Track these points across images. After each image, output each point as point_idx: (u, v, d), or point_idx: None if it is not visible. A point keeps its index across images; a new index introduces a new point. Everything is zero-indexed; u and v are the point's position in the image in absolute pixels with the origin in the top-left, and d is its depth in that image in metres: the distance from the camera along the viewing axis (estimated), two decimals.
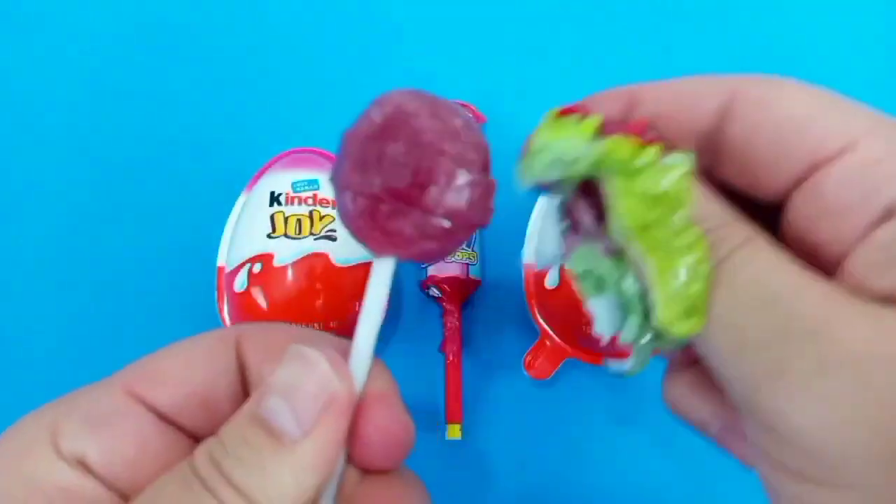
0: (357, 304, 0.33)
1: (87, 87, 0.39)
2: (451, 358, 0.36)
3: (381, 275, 0.19)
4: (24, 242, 0.38)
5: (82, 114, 0.39)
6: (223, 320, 0.34)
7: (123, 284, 0.37)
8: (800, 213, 0.16)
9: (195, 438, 0.17)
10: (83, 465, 0.16)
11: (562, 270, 0.33)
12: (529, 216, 0.35)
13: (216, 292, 0.34)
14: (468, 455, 0.36)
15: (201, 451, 0.16)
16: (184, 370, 0.18)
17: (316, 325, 0.32)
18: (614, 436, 0.36)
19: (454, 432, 0.35)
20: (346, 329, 0.33)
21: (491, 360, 0.37)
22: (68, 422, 0.17)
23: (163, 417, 0.17)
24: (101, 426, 0.17)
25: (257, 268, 0.32)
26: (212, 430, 0.16)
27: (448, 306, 0.36)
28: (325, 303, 0.32)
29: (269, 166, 0.35)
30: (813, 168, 0.16)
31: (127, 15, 0.40)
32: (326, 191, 0.34)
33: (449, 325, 0.36)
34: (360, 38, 0.40)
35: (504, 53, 0.40)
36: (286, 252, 0.32)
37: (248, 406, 0.16)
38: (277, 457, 0.15)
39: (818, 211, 0.16)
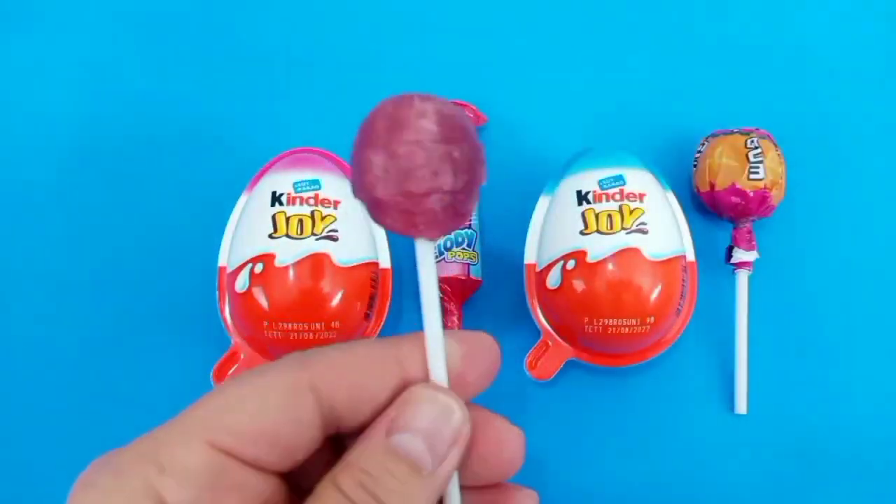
0: (358, 304, 0.33)
1: (88, 87, 0.39)
2: None
3: (427, 258, 0.20)
4: (25, 243, 0.38)
5: (83, 113, 0.39)
6: (224, 320, 0.34)
7: (124, 284, 0.37)
8: None
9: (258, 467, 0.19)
10: None
11: (563, 270, 0.33)
12: (530, 216, 0.35)
13: (217, 292, 0.34)
14: None
15: (350, 479, 0.18)
16: (262, 420, 0.19)
17: (318, 325, 0.32)
18: (616, 436, 0.36)
19: None
20: (347, 330, 0.33)
21: None
22: (165, 486, 0.17)
23: (239, 459, 0.18)
24: (195, 488, 0.17)
25: (259, 268, 0.32)
26: (283, 464, 0.19)
27: (449, 306, 0.36)
28: (326, 303, 0.32)
29: (271, 166, 0.35)
30: None
31: (127, 14, 0.40)
32: (328, 191, 0.34)
33: (449, 325, 0.36)
34: (360, 39, 0.40)
35: (504, 53, 0.40)
36: (288, 252, 0.32)
37: (379, 436, 0.19)
38: (418, 484, 0.19)
39: None
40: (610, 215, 0.33)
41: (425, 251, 0.20)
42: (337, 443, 0.21)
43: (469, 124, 0.19)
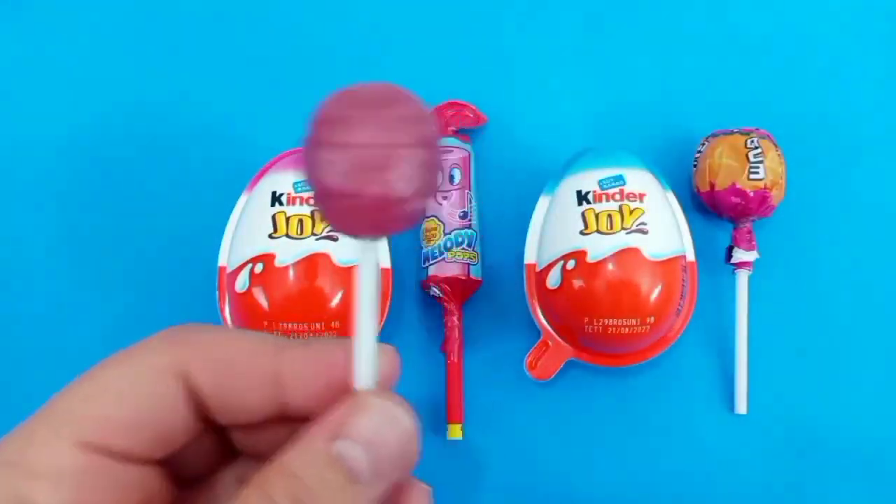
0: None
1: (87, 87, 0.39)
2: (452, 358, 0.36)
3: (370, 257, 0.18)
4: (24, 242, 0.38)
5: (82, 113, 0.39)
6: (224, 320, 0.34)
7: (124, 284, 0.37)
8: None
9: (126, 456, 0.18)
10: None
11: (563, 270, 0.33)
12: (530, 216, 0.35)
13: (217, 292, 0.34)
14: (469, 455, 0.36)
15: (282, 489, 0.17)
16: (128, 408, 0.18)
17: (318, 325, 0.32)
18: (616, 436, 0.36)
19: (455, 432, 0.35)
20: (347, 329, 0.33)
21: (492, 360, 0.37)
22: (36, 491, 0.16)
23: (111, 452, 0.17)
24: (68, 489, 0.17)
25: (259, 268, 0.32)
26: (159, 453, 0.18)
27: (449, 306, 0.36)
28: (326, 303, 0.32)
29: (271, 166, 0.35)
30: None
31: (127, 14, 0.40)
32: None
33: (450, 324, 0.36)
34: (360, 38, 0.40)
35: (504, 53, 0.40)
36: (288, 252, 0.32)
37: (321, 443, 0.17)
38: (354, 496, 0.17)
39: None
40: (610, 215, 0.33)
41: (368, 250, 0.18)
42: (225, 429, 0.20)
43: (431, 129, 0.18)
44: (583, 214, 0.33)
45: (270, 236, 0.32)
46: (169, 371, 0.18)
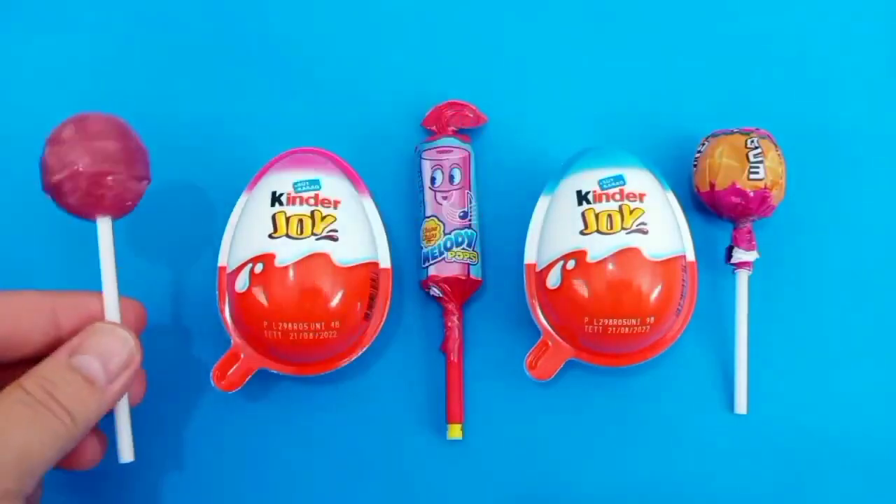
0: (358, 304, 0.33)
1: (87, 87, 0.39)
2: (451, 358, 0.36)
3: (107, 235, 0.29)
4: (24, 242, 0.38)
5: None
6: (224, 321, 0.34)
7: (124, 284, 0.37)
8: None
9: None
10: None
11: (563, 270, 0.33)
12: (530, 216, 0.35)
13: (217, 292, 0.34)
14: (469, 455, 0.36)
15: (32, 383, 0.24)
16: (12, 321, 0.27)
17: (318, 325, 0.32)
18: (616, 436, 0.36)
19: (455, 432, 0.35)
20: (347, 329, 0.33)
21: (492, 360, 0.37)
22: None
23: None
24: None
25: (259, 268, 0.32)
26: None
27: (449, 306, 0.36)
28: (326, 303, 0.32)
29: (271, 166, 0.35)
30: None
31: (126, 14, 0.40)
32: (328, 191, 0.34)
33: (450, 324, 0.36)
34: (360, 38, 0.40)
35: (504, 53, 0.40)
36: (288, 252, 0.32)
37: (63, 356, 0.26)
38: (92, 394, 0.25)
39: None
40: (610, 215, 0.33)
41: (105, 230, 0.29)
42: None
43: (125, 132, 0.30)
44: (583, 214, 0.33)
45: (270, 236, 0.32)
46: (44, 303, 0.27)
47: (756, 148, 0.35)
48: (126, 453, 0.30)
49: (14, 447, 0.23)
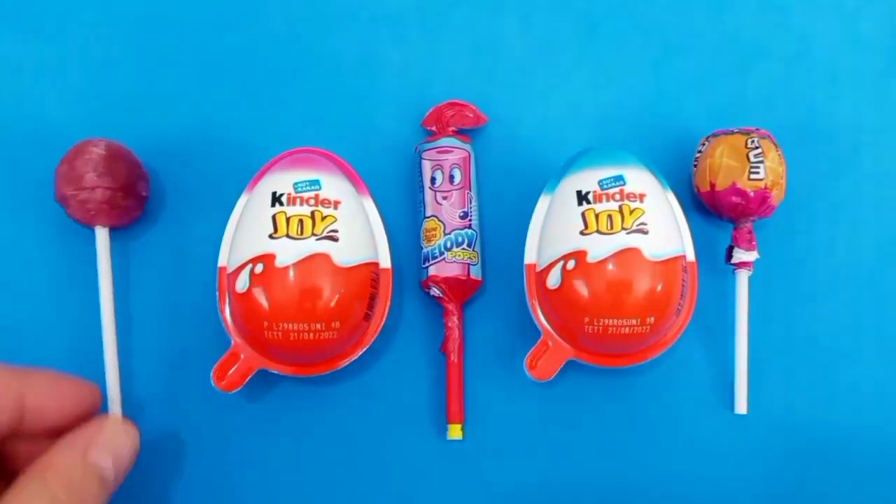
0: (358, 304, 0.33)
1: (87, 87, 0.39)
2: (452, 358, 0.36)
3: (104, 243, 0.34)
4: (24, 242, 0.37)
5: (82, 113, 0.39)
6: (224, 321, 0.34)
7: (125, 284, 0.37)
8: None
9: None
10: None
11: (563, 270, 0.33)
12: (530, 216, 0.35)
13: (217, 292, 0.34)
14: (469, 455, 0.36)
15: (55, 480, 0.24)
16: None
17: (318, 325, 0.32)
18: (616, 436, 0.36)
19: (455, 432, 0.35)
20: (347, 330, 0.33)
21: (492, 360, 0.37)
22: None
23: None
24: None
25: (259, 268, 0.32)
26: None
27: (449, 306, 0.36)
28: (327, 303, 0.32)
29: (271, 166, 0.35)
30: None
31: (126, 13, 0.40)
32: (328, 191, 0.34)
33: (450, 325, 0.36)
34: (360, 38, 0.40)
35: (504, 53, 0.40)
36: (288, 252, 0.32)
37: (78, 452, 0.26)
38: (101, 492, 0.26)
39: None
40: (610, 215, 0.33)
41: (102, 238, 0.34)
42: None
43: (123, 154, 0.35)
44: (583, 214, 0.33)
45: (270, 236, 0.32)
46: (11, 382, 0.26)
47: (756, 148, 0.35)
48: None
49: None
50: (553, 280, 0.33)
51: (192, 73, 0.40)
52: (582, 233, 0.33)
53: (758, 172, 0.34)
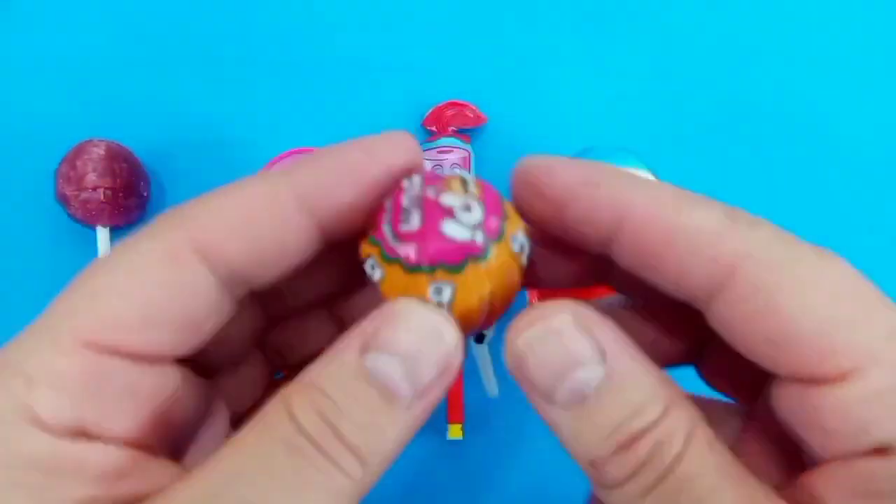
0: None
1: (87, 87, 0.39)
2: None
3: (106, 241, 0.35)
4: (24, 242, 0.38)
5: (82, 113, 0.39)
6: None
7: None
8: (788, 408, 0.16)
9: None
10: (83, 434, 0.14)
11: None
12: None
13: None
14: (469, 455, 0.36)
15: (304, 409, 0.14)
16: (139, 302, 0.15)
17: None
18: None
19: (455, 432, 0.35)
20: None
21: (492, 361, 0.37)
22: (37, 400, 0.14)
23: (123, 354, 0.15)
24: (73, 396, 0.14)
25: None
26: (181, 349, 0.15)
27: None
28: None
29: (271, 166, 0.35)
30: (815, 377, 0.15)
31: (126, 14, 0.40)
32: None
33: None
34: (360, 38, 0.40)
35: (504, 53, 0.40)
36: None
37: (352, 354, 0.15)
38: (391, 418, 0.15)
39: (807, 422, 0.15)
40: None
41: (103, 237, 0.35)
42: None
43: (123, 154, 0.36)
44: None
45: None
46: (183, 251, 0.15)
47: None
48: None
49: None
50: None
51: (192, 74, 0.40)
52: None
53: None
